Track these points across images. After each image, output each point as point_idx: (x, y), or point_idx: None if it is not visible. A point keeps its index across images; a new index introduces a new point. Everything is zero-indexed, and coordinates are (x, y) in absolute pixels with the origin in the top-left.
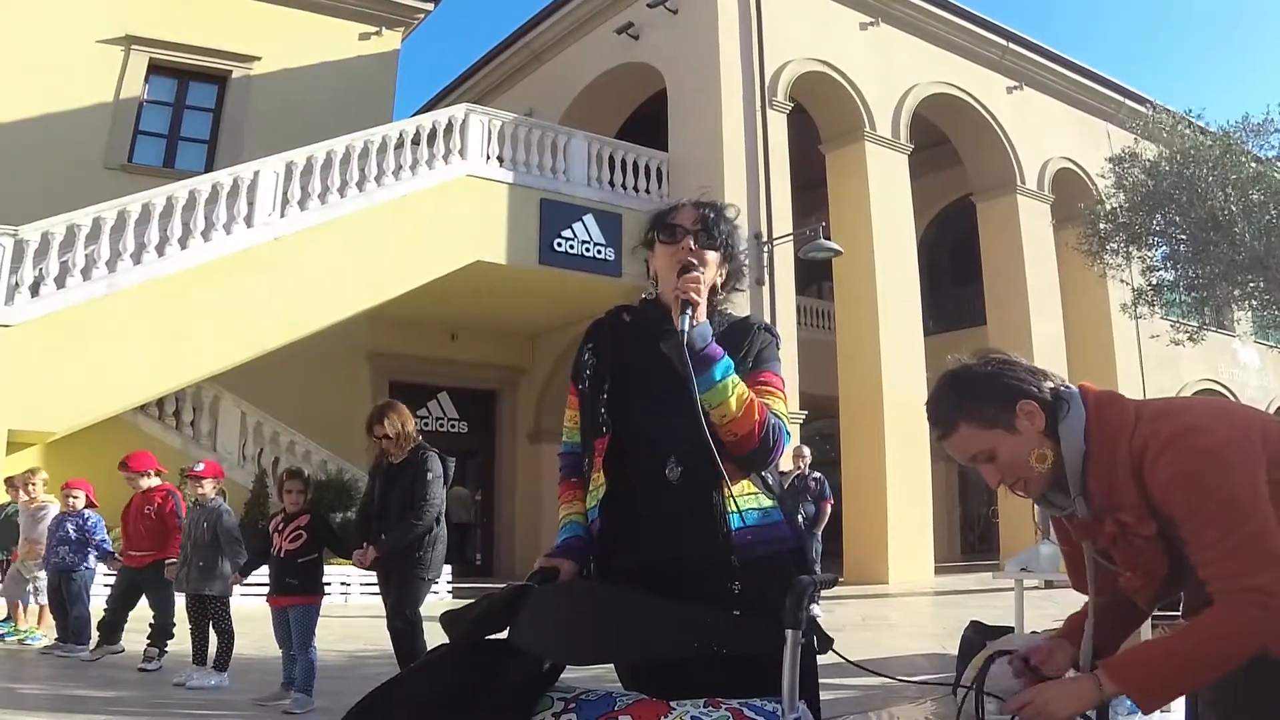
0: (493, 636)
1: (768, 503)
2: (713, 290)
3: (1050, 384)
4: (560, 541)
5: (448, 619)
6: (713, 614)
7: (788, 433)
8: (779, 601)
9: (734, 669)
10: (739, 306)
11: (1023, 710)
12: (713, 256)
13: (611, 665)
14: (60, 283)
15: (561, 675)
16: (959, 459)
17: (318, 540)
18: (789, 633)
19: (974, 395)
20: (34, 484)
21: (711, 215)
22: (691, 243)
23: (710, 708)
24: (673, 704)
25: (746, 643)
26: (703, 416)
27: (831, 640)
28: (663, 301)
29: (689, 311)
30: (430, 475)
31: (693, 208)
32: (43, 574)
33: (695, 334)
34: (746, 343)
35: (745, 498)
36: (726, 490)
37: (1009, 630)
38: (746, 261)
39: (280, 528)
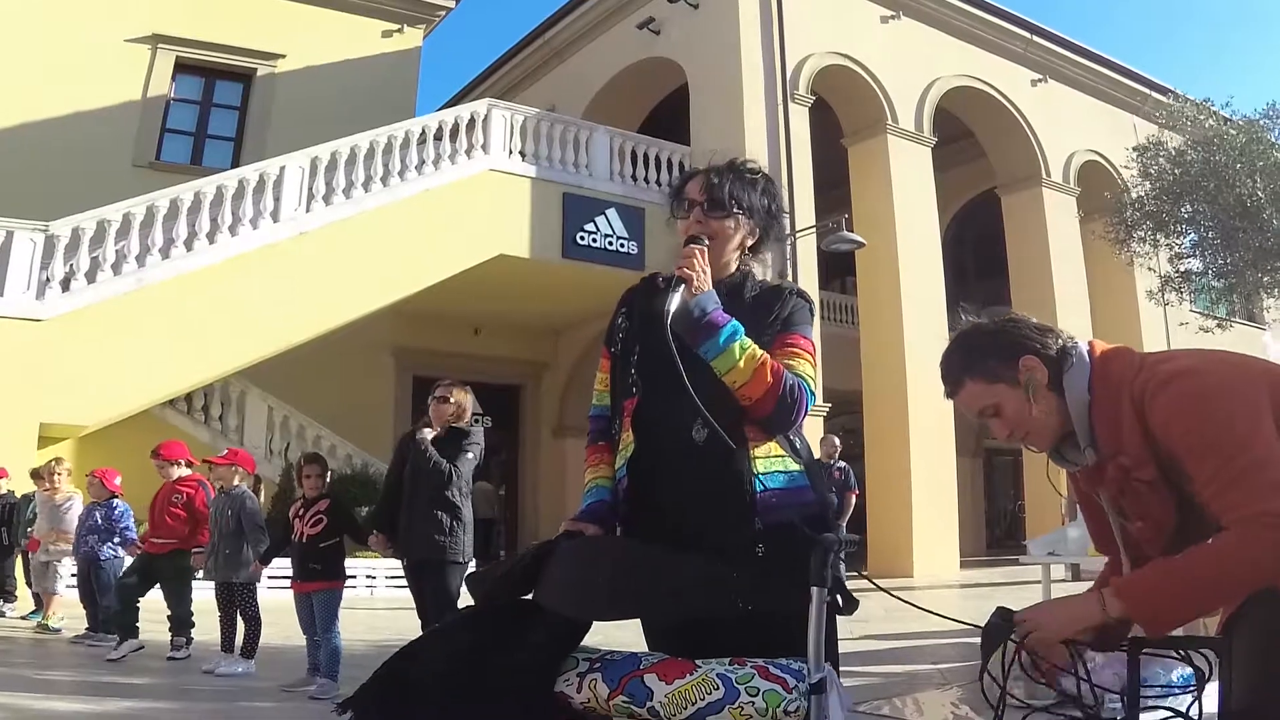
0: (518, 598)
1: (794, 467)
2: (743, 250)
3: (1058, 341)
4: (586, 506)
5: (473, 580)
6: (739, 571)
7: (812, 394)
8: (803, 565)
9: (760, 632)
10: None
11: (1020, 628)
12: (724, 223)
13: (635, 631)
14: (91, 278)
15: (586, 636)
16: (967, 414)
17: (338, 525)
18: (814, 590)
19: (979, 352)
20: (58, 474)
21: (717, 180)
22: (700, 214)
23: (736, 665)
24: (698, 662)
25: (772, 600)
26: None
27: (857, 602)
28: None
29: (680, 289)
30: (470, 451)
31: (702, 176)
32: (69, 562)
33: (694, 304)
34: (777, 306)
35: (770, 460)
36: (752, 453)
37: None
38: (782, 212)
39: (301, 513)
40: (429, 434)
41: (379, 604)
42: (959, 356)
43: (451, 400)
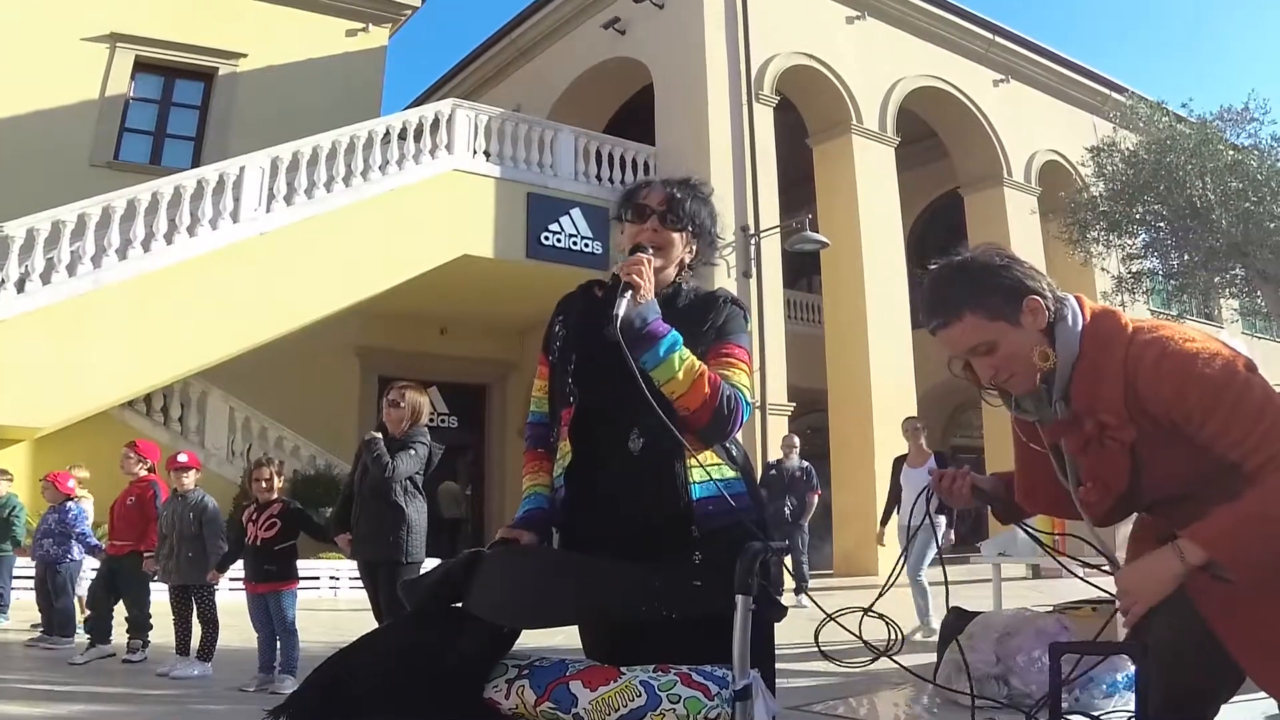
0: (449, 604)
1: (730, 474)
2: (681, 265)
3: (1051, 289)
4: (522, 512)
5: (405, 587)
6: (663, 578)
7: (748, 404)
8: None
9: (694, 640)
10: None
11: (1123, 601)
12: (675, 236)
13: (564, 635)
14: (46, 279)
15: (517, 643)
16: (953, 350)
17: (293, 528)
18: (739, 598)
19: (984, 284)
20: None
21: (678, 194)
22: (657, 223)
23: (659, 672)
24: (622, 669)
25: (697, 607)
26: (652, 391)
27: (785, 610)
28: None
29: (627, 294)
30: (414, 449)
31: (661, 187)
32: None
33: (636, 314)
34: (711, 315)
35: (707, 468)
36: (688, 461)
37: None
38: (720, 236)
39: (254, 517)
40: (379, 436)
41: (342, 605)
42: (960, 288)
43: (403, 405)
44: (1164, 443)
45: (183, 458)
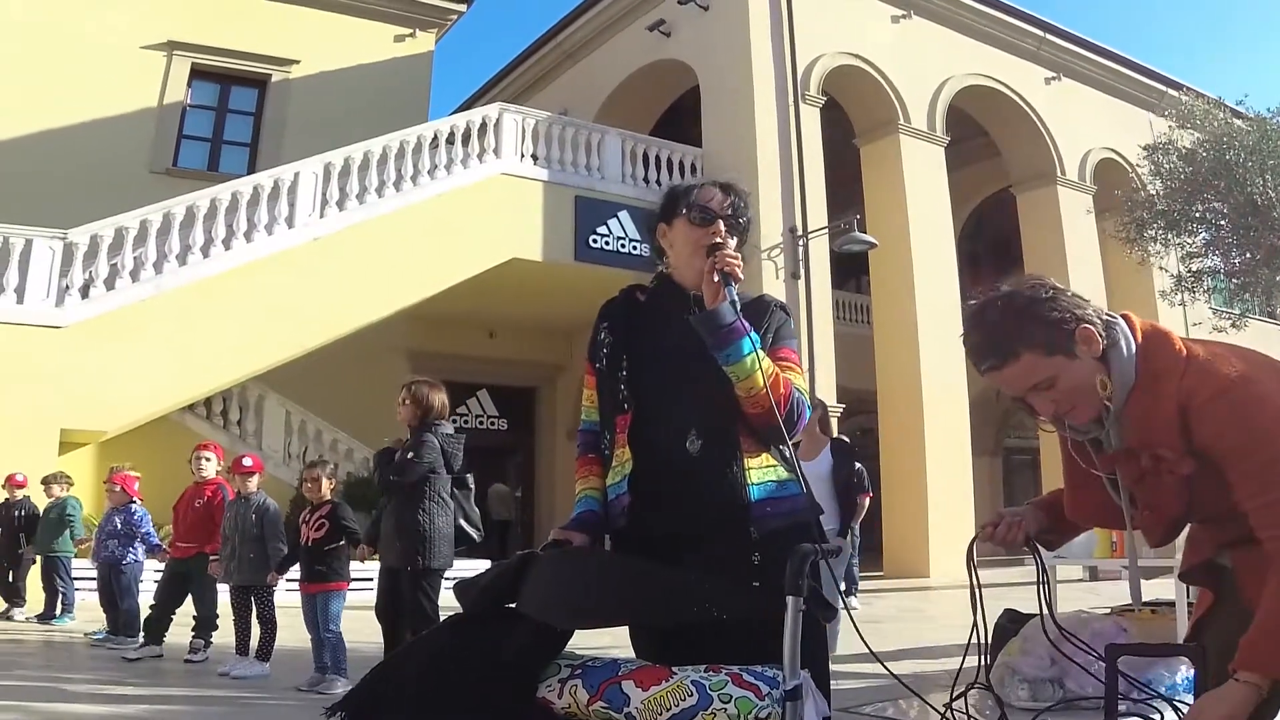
0: (502, 604)
1: (785, 475)
2: None
3: (1096, 313)
4: (575, 515)
5: (460, 588)
6: (713, 580)
7: (809, 406)
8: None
9: (747, 642)
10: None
11: None
12: (734, 240)
13: (614, 636)
14: (109, 284)
15: (570, 643)
16: (1012, 390)
17: (339, 528)
18: (789, 599)
19: (1037, 320)
20: None
21: (740, 203)
22: (722, 228)
23: (710, 672)
24: (674, 669)
25: (746, 609)
26: (709, 392)
27: (835, 611)
28: (677, 278)
29: (732, 284)
30: (423, 445)
31: (721, 192)
32: None
33: (725, 308)
34: (765, 319)
35: (763, 470)
36: (745, 463)
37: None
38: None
39: (307, 518)
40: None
41: None
42: (1012, 326)
43: (408, 403)
44: (1214, 468)
45: (247, 461)
